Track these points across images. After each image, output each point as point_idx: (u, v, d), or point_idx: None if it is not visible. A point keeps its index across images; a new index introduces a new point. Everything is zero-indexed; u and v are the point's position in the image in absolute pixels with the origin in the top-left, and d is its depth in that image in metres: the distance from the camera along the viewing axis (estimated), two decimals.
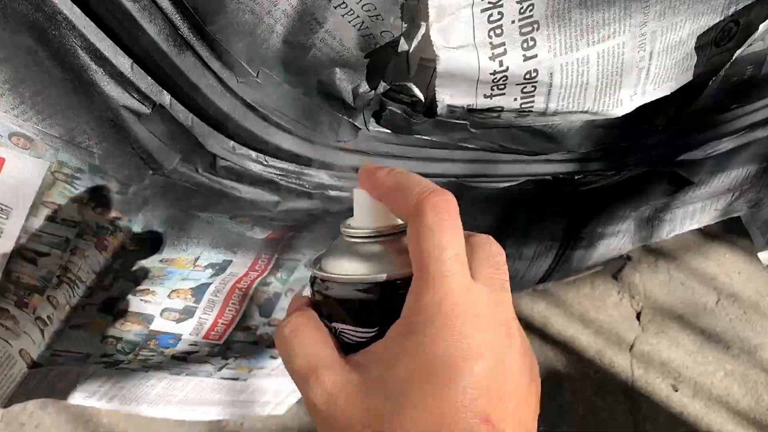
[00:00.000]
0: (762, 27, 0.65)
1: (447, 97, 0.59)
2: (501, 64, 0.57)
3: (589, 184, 0.82)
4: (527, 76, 0.58)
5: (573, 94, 0.62)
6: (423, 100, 0.60)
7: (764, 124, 0.86)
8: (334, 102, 0.60)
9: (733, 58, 0.66)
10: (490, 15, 0.54)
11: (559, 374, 1.23)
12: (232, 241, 0.69)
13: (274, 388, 0.96)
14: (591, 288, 1.34)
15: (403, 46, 0.56)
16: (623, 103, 0.66)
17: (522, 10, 0.54)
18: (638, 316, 1.33)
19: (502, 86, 0.59)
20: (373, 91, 0.60)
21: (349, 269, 0.33)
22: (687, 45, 0.65)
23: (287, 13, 0.52)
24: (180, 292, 0.73)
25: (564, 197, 0.82)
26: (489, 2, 0.53)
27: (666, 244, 1.43)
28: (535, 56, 0.57)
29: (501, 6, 0.54)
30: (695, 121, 0.81)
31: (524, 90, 0.60)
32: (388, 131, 0.64)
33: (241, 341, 0.81)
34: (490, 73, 0.57)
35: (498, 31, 0.55)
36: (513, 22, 0.55)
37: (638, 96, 0.66)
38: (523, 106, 0.62)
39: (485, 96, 0.60)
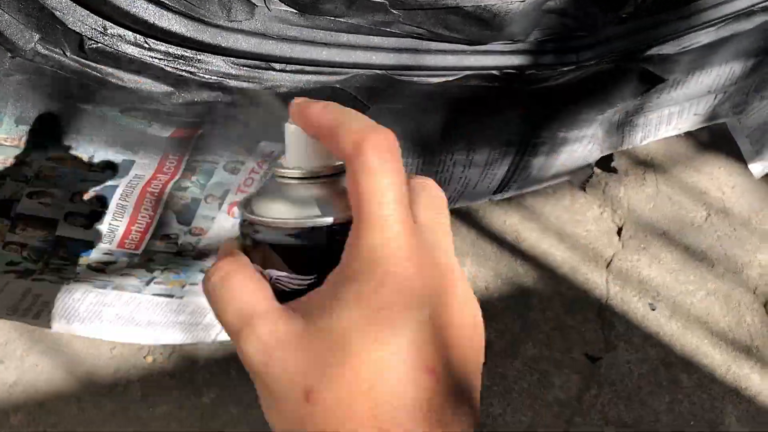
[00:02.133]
0: None
1: None
2: None
3: (545, 80, 0.74)
4: None
5: None
6: None
7: (748, 14, 0.76)
8: None
9: None
10: None
11: (527, 291, 1.17)
12: (131, 140, 0.62)
13: None
14: (570, 201, 1.27)
15: None
16: None
17: None
18: (619, 231, 1.26)
19: None
20: None
21: (282, 213, 0.30)
22: None
23: None
24: (83, 196, 0.67)
25: (517, 96, 0.74)
26: None
27: (656, 157, 1.34)
28: None
29: None
30: (667, 10, 0.71)
31: None
32: (294, 10, 0.56)
33: (162, 251, 0.76)
34: None
35: None
36: None
37: None
38: None
39: None
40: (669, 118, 0.88)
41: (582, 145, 0.85)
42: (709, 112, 0.90)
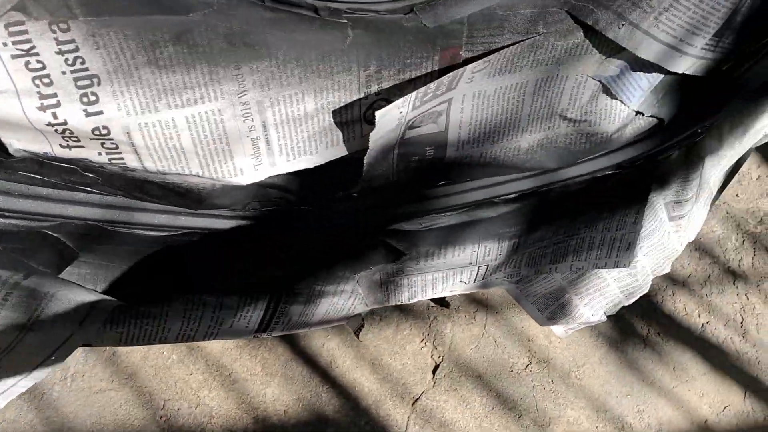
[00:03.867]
0: (407, 110, 0.60)
1: (15, 141, 0.54)
2: (55, 116, 0.51)
3: (285, 242, 0.77)
4: (96, 132, 0.53)
5: (169, 157, 0.57)
6: None
7: (489, 204, 0.81)
8: None
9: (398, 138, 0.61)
10: (27, 62, 0.48)
11: (326, 420, 1.18)
12: None
13: None
14: (394, 331, 1.29)
15: None
16: (244, 172, 0.60)
17: (69, 62, 0.49)
18: (435, 369, 1.28)
19: (76, 139, 0.54)
20: None
21: None
22: (320, 119, 0.60)
23: None
24: None
25: (256, 252, 0.77)
26: (19, 49, 0.48)
27: (493, 297, 1.38)
28: (101, 112, 0.52)
29: (37, 54, 0.48)
30: (400, 194, 0.76)
31: (105, 145, 0.55)
32: None
33: None
34: (47, 124, 0.52)
35: (46, 81, 0.50)
36: (64, 73, 0.49)
37: (266, 167, 0.61)
38: (113, 161, 0.56)
39: (62, 146, 0.55)
40: (434, 283, 0.91)
41: (342, 298, 0.87)
42: (479, 280, 0.94)
